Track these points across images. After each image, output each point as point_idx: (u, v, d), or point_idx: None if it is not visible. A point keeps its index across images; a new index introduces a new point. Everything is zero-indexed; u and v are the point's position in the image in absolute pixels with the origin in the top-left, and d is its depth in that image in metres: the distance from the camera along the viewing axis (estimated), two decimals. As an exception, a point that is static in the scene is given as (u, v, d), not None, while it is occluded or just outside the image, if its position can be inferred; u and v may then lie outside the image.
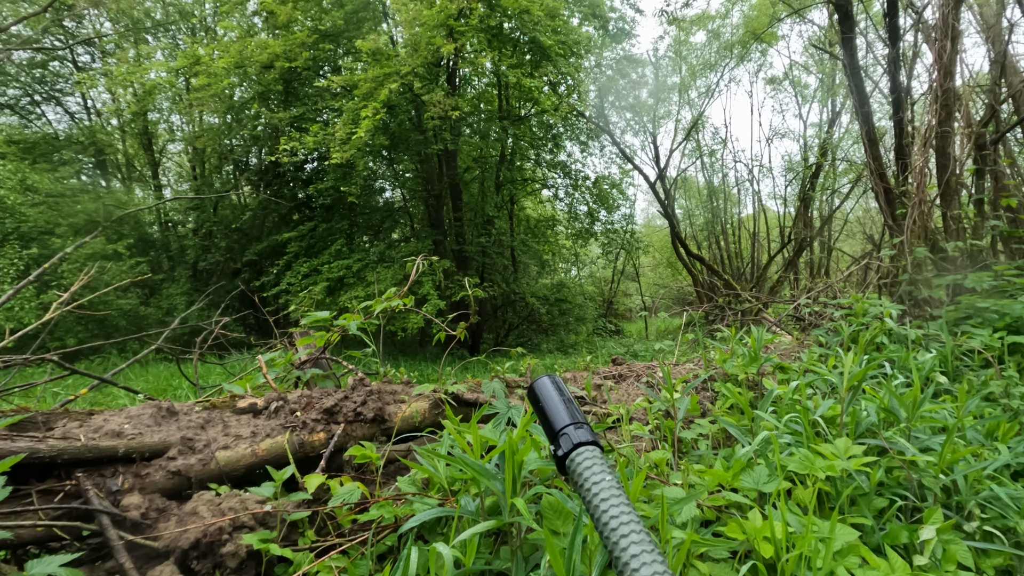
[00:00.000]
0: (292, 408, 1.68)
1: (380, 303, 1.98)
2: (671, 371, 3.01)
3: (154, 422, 1.48)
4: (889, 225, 4.64)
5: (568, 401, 0.85)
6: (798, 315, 4.49)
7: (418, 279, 11.13)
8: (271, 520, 1.32)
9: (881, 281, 4.85)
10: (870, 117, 4.75)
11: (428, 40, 8.08)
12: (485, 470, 1.08)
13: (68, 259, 11.61)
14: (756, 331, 2.55)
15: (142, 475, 1.37)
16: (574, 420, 0.80)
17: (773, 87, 19.99)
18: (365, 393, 1.72)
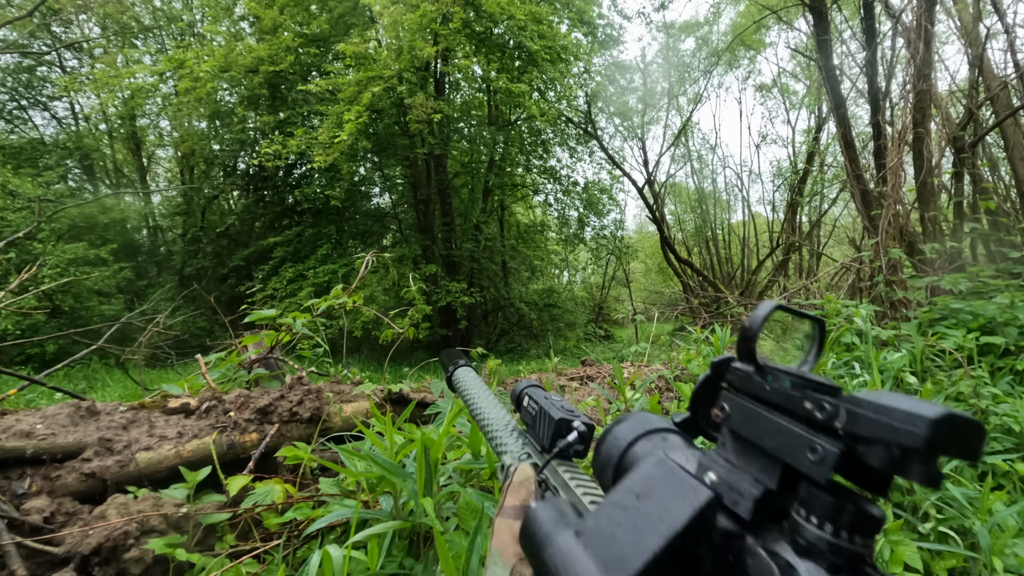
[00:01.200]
0: (226, 408, 1.61)
1: (324, 301, 1.92)
2: (642, 373, 2.96)
3: (70, 422, 1.41)
4: (866, 227, 4.64)
5: (482, 384, 0.91)
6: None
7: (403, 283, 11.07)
8: (186, 524, 1.26)
9: (861, 283, 4.84)
10: (846, 119, 4.76)
11: (410, 43, 8.07)
12: (395, 469, 1.03)
13: (49, 264, 11.45)
14: (720, 331, 2.51)
15: (52, 477, 1.30)
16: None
17: (762, 94, 20.16)
18: (303, 392, 1.66)
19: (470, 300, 11.80)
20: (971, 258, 5.88)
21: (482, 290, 14.31)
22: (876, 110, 5.32)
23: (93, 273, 12.09)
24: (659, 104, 18.63)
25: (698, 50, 18.73)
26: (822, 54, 4.59)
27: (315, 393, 1.69)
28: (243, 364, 2.09)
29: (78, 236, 12.94)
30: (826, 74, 4.63)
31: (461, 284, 12.33)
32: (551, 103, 13.69)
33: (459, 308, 12.10)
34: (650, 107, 17.71)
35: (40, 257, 11.27)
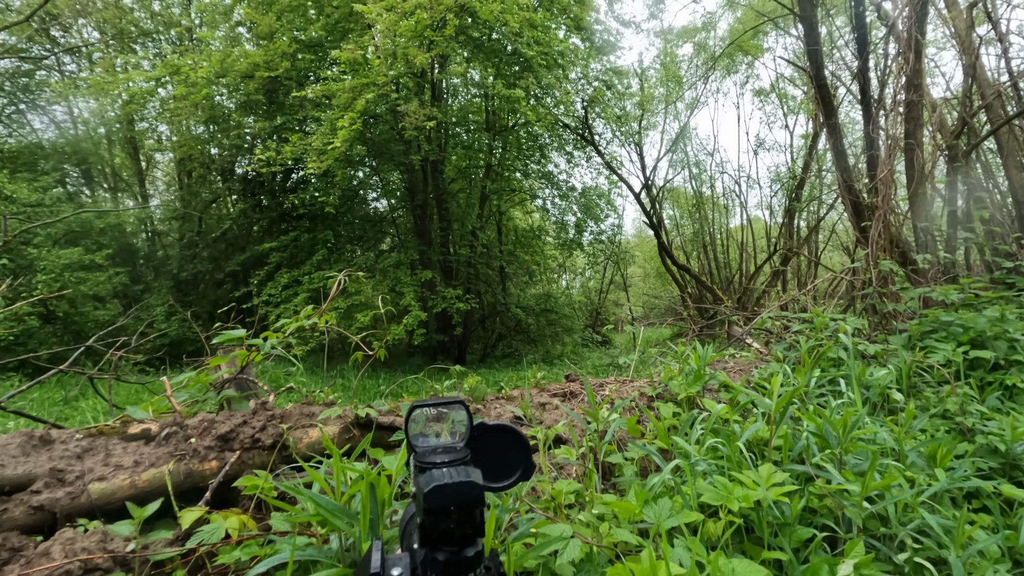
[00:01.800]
0: (188, 435, 1.58)
1: (295, 322, 1.89)
2: (624, 388, 2.93)
3: (21, 452, 1.38)
4: (858, 237, 4.61)
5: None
6: (767, 328, 4.43)
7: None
8: (133, 561, 1.22)
9: (855, 294, 4.81)
10: (837, 129, 4.73)
11: (404, 50, 8.05)
12: (338, 510, 0.99)
13: (43, 269, 11.42)
14: (700, 347, 2.47)
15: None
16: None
17: (760, 99, 20.17)
18: (266, 418, 1.63)
19: (466, 307, 11.76)
20: (965, 268, 5.85)
21: (479, 296, 14.29)
22: (868, 119, 5.30)
23: (88, 278, 12.07)
24: (656, 109, 18.64)
25: (696, 55, 18.76)
26: (813, 65, 4.57)
27: (280, 419, 1.66)
28: (214, 384, 2.05)
29: (74, 241, 12.92)
30: (817, 84, 4.61)
31: (457, 290, 12.30)
32: (548, 108, 13.68)
33: (455, 314, 12.05)
34: (648, 112, 17.71)
35: (33, 263, 11.25)
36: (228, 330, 1.98)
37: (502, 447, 0.77)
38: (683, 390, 2.29)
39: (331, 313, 1.97)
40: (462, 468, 0.65)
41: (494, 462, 0.75)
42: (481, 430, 0.76)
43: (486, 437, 0.76)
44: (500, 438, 0.77)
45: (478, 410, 2.51)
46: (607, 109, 14.15)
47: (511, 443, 0.78)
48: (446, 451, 0.71)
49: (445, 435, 0.75)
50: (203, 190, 16.57)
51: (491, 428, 0.76)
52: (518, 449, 0.78)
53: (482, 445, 0.75)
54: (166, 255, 16.46)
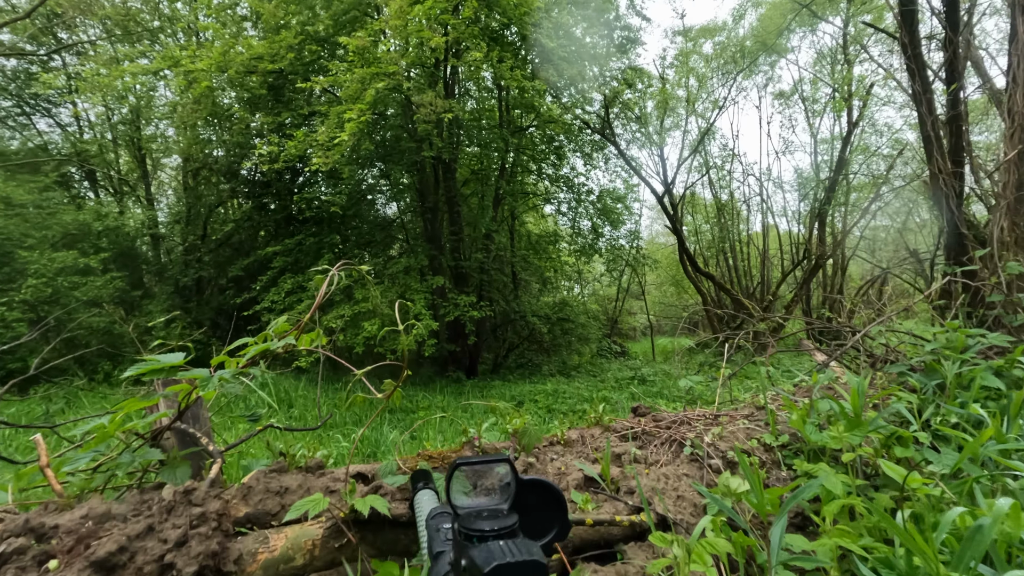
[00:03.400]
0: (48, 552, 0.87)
1: (254, 346, 1.18)
2: (727, 428, 2.18)
3: None
4: (963, 234, 3.84)
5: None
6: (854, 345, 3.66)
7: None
8: None
9: (936, 303, 4.02)
10: (932, 105, 3.98)
11: (418, 34, 7.40)
12: None
13: (36, 273, 10.85)
14: (849, 374, 1.73)
15: None
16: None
17: (782, 101, 19.42)
18: (190, 519, 0.91)
19: (479, 314, 11.04)
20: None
21: (491, 303, 13.57)
22: (955, 103, 4.54)
23: (83, 283, 11.49)
24: (677, 110, 17.94)
25: (718, 55, 18.04)
26: (905, 25, 3.84)
27: (218, 520, 0.95)
28: (142, 436, 1.34)
29: (71, 244, 12.37)
30: (912, 51, 3.87)
31: (470, 297, 11.59)
32: (567, 107, 13.03)
33: (468, 323, 11.33)
34: (669, 112, 17.01)
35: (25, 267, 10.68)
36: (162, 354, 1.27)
37: (537, 502, 0.73)
38: (840, 443, 1.54)
39: (313, 332, 1.25)
40: (523, 543, 0.58)
41: (529, 519, 0.69)
42: (518, 486, 0.71)
43: (521, 492, 0.71)
44: (535, 494, 0.73)
45: (530, 465, 1.77)
46: (631, 106, 13.46)
47: (546, 499, 0.74)
48: (492, 516, 0.64)
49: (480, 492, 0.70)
50: (208, 193, 16.03)
51: (526, 484, 0.73)
52: (554, 506, 0.74)
53: (518, 501, 0.70)
54: (168, 260, 15.91)
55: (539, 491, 0.75)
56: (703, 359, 12.47)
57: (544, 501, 0.76)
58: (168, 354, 1.27)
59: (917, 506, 1.37)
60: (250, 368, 1.30)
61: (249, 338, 1.29)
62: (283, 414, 7.35)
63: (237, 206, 16.58)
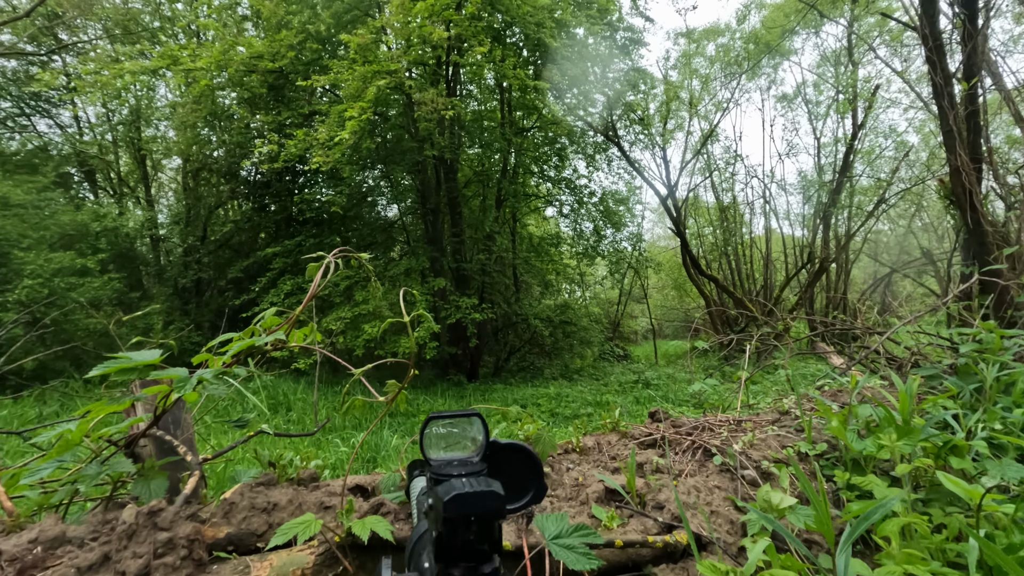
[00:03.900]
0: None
1: (239, 341, 1.03)
2: (737, 434, 2.03)
3: None
4: (986, 232, 3.69)
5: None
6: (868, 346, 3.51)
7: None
8: None
9: (962, 304, 3.87)
10: (953, 98, 3.84)
11: (420, 32, 7.28)
12: None
13: (32, 274, 10.71)
14: (896, 377, 1.58)
15: None
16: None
17: (785, 104, 19.31)
18: (154, 546, 0.76)
19: (481, 317, 10.89)
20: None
21: (493, 305, 13.42)
22: (973, 99, 4.41)
23: (80, 284, 11.34)
24: (680, 112, 17.82)
25: (720, 57, 17.94)
26: (926, 16, 3.71)
27: (188, 547, 0.80)
28: (115, 443, 1.20)
29: (68, 245, 12.23)
30: (933, 42, 3.74)
31: (472, 299, 11.44)
32: (570, 107, 12.92)
33: (469, 325, 11.18)
34: (672, 114, 16.90)
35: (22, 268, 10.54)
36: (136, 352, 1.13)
37: (514, 467, 0.76)
38: (891, 452, 1.39)
39: (306, 328, 1.11)
40: (482, 478, 0.63)
41: (506, 482, 0.69)
42: (494, 448, 0.75)
43: (499, 455, 0.75)
44: (513, 457, 0.77)
45: (544, 474, 1.61)
46: (633, 107, 13.34)
47: (523, 463, 0.77)
48: (462, 464, 0.70)
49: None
50: (208, 194, 15.90)
51: (504, 447, 0.76)
52: (529, 469, 0.77)
53: (495, 463, 0.73)
54: (168, 261, 15.77)
55: (516, 454, 0.77)
56: (708, 362, 12.31)
57: (521, 464, 0.78)
58: (144, 351, 1.13)
59: (985, 523, 1.23)
60: (237, 367, 1.15)
61: (234, 333, 1.15)
62: (281, 418, 7.20)
63: (237, 207, 16.46)
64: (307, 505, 1.06)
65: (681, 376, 11.94)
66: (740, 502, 1.38)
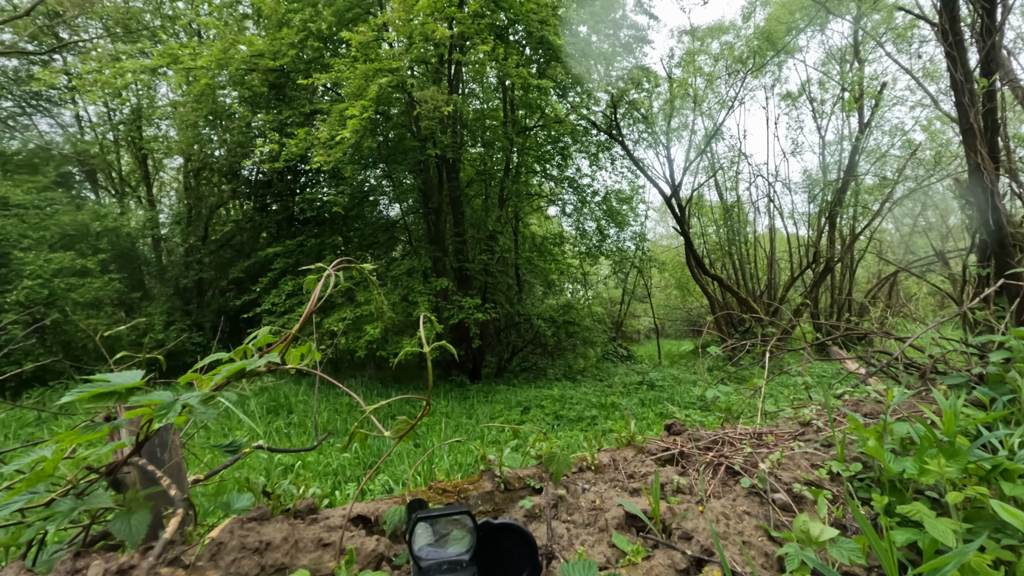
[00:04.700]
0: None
1: (229, 364, 0.93)
2: (759, 449, 1.93)
3: None
4: (1007, 232, 3.58)
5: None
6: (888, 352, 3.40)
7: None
8: None
9: (977, 309, 3.75)
10: (974, 94, 3.72)
11: (422, 30, 7.17)
12: None
13: (31, 275, 10.64)
14: (938, 394, 1.47)
15: None
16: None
17: (789, 102, 19.15)
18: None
19: (485, 317, 10.79)
20: None
21: (495, 306, 13.33)
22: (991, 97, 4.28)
23: (80, 285, 11.26)
24: (684, 111, 17.67)
25: (725, 55, 17.79)
26: (946, 8, 3.60)
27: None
28: (96, 471, 1.10)
29: (69, 245, 12.16)
30: (952, 36, 3.62)
31: (475, 299, 11.33)
32: (573, 106, 12.79)
33: (472, 325, 11.08)
34: (676, 113, 16.76)
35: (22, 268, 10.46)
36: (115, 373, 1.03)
37: (507, 546, 0.76)
38: (931, 476, 1.29)
39: (303, 347, 1.01)
40: None
41: (500, 562, 0.72)
42: (487, 529, 0.75)
43: (492, 536, 0.75)
44: (507, 536, 0.77)
45: (560, 498, 1.52)
46: (637, 105, 13.21)
47: (517, 542, 0.77)
48: (452, 569, 0.68)
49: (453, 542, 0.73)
50: (209, 194, 15.83)
51: (497, 527, 0.76)
52: (523, 549, 0.77)
53: (488, 545, 0.74)
54: (169, 261, 15.70)
55: (509, 534, 0.77)
56: (713, 362, 12.19)
57: (515, 543, 0.78)
58: (125, 373, 1.03)
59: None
60: (228, 389, 1.05)
61: (224, 353, 1.05)
62: (282, 420, 7.10)
63: (238, 207, 16.39)
64: (303, 543, 0.96)
65: (686, 377, 11.83)
66: (774, 532, 1.28)
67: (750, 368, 8.33)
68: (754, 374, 2.94)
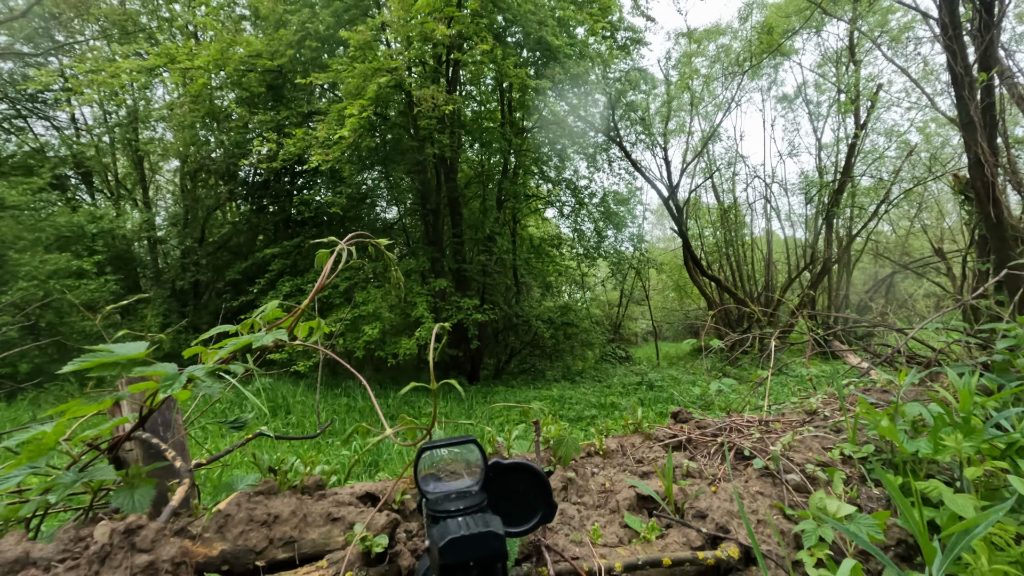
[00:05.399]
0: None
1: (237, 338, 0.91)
2: (769, 435, 1.91)
3: None
4: (1008, 227, 3.57)
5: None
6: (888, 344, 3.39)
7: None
8: None
9: (983, 301, 3.74)
10: (974, 88, 3.73)
11: (421, 29, 7.16)
12: None
13: (27, 276, 10.56)
14: (951, 374, 1.46)
15: None
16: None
17: (786, 104, 19.24)
18: (131, 571, 0.63)
19: (484, 317, 10.76)
20: None
21: (494, 307, 13.32)
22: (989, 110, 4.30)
23: (76, 286, 11.19)
24: (681, 113, 17.74)
25: (721, 57, 17.87)
26: (946, 6, 3.61)
27: (169, 572, 0.67)
28: (95, 444, 1.07)
29: (64, 246, 12.08)
30: (953, 31, 3.63)
31: (473, 300, 11.31)
32: (572, 107, 12.82)
33: (471, 326, 11.04)
34: (674, 115, 16.82)
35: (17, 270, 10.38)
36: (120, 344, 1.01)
37: (520, 487, 0.73)
38: (947, 452, 1.27)
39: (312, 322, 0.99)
40: (479, 516, 0.60)
41: (512, 503, 0.70)
42: (497, 470, 0.72)
43: (503, 477, 0.72)
44: (518, 477, 0.73)
45: (569, 480, 1.49)
46: (635, 107, 13.25)
47: (529, 482, 0.74)
48: (460, 497, 0.67)
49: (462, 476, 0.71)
50: (206, 195, 15.77)
51: (507, 467, 0.73)
52: (537, 489, 0.74)
53: (498, 486, 0.71)
54: (165, 263, 15.63)
55: (521, 474, 0.74)
56: (712, 363, 12.18)
57: (527, 484, 0.74)
58: (128, 344, 1.00)
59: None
60: (233, 363, 1.02)
61: (230, 325, 1.02)
62: (280, 420, 7.05)
63: (235, 208, 16.33)
64: (312, 517, 0.93)
65: (684, 378, 11.81)
66: (790, 510, 1.25)
67: (749, 368, 8.33)
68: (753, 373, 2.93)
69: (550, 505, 0.74)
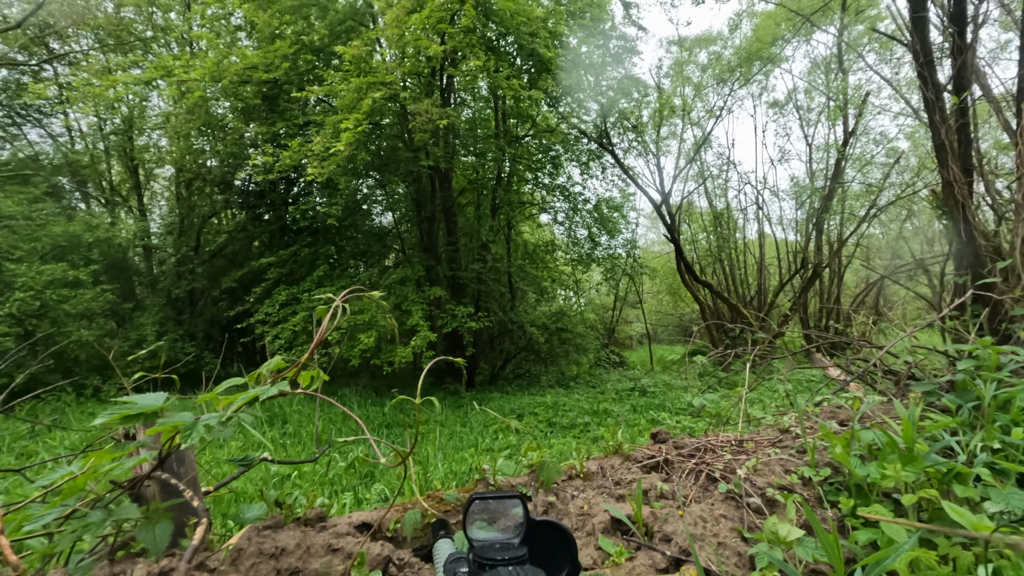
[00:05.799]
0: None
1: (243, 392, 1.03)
2: (739, 456, 2.04)
3: None
4: (979, 244, 3.73)
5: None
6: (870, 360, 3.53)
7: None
8: None
9: (952, 317, 3.90)
10: (945, 112, 3.89)
11: (415, 43, 7.30)
12: None
13: (23, 286, 10.61)
14: (898, 404, 1.59)
15: None
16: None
17: (776, 110, 19.49)
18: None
19: (478, 325, 10.88)
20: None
21: (489, 313, 13.43)
22: (964, 111, 4.46)
23: (72, 296, 11.24)
24: (672, 120, 17.94)
25: (713, 65, 18.09)
26: (917, 33, 3.76)
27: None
28: (120, 485, 1.19)
29: (60, 256, 12.14)
30: (925, 59, 3.79)
31: (468, 308, 11.43)
32: (564, 116, 12.98)
33: (466, 334, 11.16)
34: (665, 121, 17.01)
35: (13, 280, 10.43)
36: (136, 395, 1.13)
37: (548, 543, 0.77)
38: (889, 480, 1.40)
39: (313, 371, 1.11)
40: (528, 568, 0.65)
41: (542, 557, 0.74)
42: (530, 525, 0.76)
43: (533, 531, 0.76)
44: (547, 533, 0.78)
45: (550, 505, 1.62)
46: (627, 115, 13.42)
47: (557, 539, 0.78)
48: (504, 548, 0.70)
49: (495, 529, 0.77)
50: (201, 203, 15.84)
51: (539, 524, 0.77)
52: (564, 546, 0.78)
53: (531, 539, 0.75)
54: (161, 271, 15.67)
55: (550, 531, 0.78)
56: (703, 368, 12.33)
57: (555, 541, 0.78)
58: (148, 395, 1.12)
59: (993, 556, 1.23)
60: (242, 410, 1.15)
61: (238, 378, 1.14)
62: (277, 430, 7.15)
63: (231, 217, 16.40)
64: (314, 549, 1.05)
65: (677, 383, 11.96)
66: (747, 533, 1.38)
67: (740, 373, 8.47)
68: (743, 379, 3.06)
69: (575, 564, 0.78)
